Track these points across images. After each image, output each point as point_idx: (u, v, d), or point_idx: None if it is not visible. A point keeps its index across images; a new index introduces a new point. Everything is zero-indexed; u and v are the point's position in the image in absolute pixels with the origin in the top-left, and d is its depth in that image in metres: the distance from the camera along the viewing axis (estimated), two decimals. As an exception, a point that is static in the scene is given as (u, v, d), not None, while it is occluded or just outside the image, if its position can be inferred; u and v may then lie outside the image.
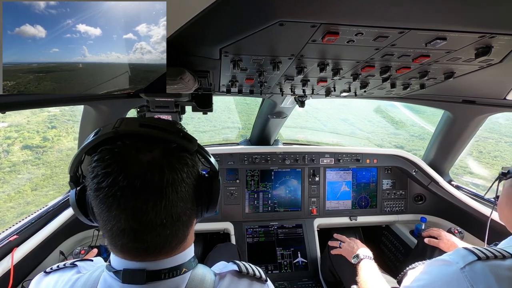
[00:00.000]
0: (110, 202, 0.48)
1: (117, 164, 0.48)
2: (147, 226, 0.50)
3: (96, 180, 0.49)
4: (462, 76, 1.01)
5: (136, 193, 0.48)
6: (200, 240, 2.20)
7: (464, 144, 1.84)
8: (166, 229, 0.52)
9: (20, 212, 4.83)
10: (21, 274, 1.27)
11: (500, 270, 0.61)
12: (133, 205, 0.48)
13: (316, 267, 1.94)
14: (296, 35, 0.66)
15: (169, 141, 0.53)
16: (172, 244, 0.56)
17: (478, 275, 0.61)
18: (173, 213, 0.52)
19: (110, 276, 0.56)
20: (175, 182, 0.51)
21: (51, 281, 0.63)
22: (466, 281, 0.61)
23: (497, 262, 0.63)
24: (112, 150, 0.49)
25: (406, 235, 2.09)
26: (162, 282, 0.55)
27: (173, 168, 0.51)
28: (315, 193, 2.16)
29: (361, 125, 9.56)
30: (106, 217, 0.50)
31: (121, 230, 0.50)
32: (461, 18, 0.58)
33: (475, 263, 0.63)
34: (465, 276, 0.62)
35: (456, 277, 0.63)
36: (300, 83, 1.13)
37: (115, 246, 0.54)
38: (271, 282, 0.70)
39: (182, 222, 0.55)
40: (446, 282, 0.65)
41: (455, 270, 0.64)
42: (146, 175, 0.48)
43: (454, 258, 0.67)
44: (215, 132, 6.78)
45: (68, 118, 6.45)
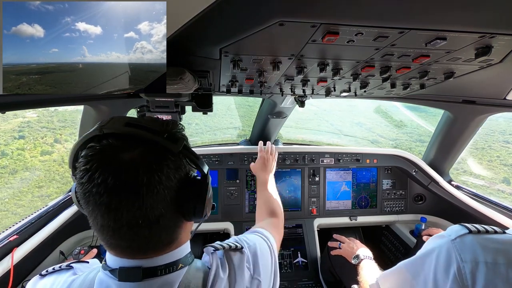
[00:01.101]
0: (87, 198, 0.50)
1: (95, 161, 0.49)
2: (122, 224, 0.50)
3: (78, 175, 0.50)
4: (462, 76, 1.01)
5: (110, 190, 0.48)
6: (200, 240, 2.20)
7: (464, 144, 1.84)
8: (143, 229, 0.51)
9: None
10: (21, 274, 1.27)
11: (488, 242, 0.64)
12: (106, 203, 0.48)
13: (316, 267, 1.94)
14: (296, 35, 0.66)
15: (152, 142, 0.52)
16: (158, 245, 0.55)
17: (467, 246, 0.64)
18: (149, 214, 0.50)
19: (106, 275, 0.56)
20: (151, 184, 0.50)
21: (47, 283, 0.63)
22: (455, 251, 0.65)
23: (488, 236, 0.66)
24: (94, 147, 0.50)
25: (406, 235, 2.09)
26: (159, 278, 0.55)
27: (150, 169, 0.50)
28: (315, 193, 2.16)
29: (379, 131, 8.25)
30: (88, 212, 0.52)
31: (100, 226, 0.51)
32: (461, 18, 0.58)
33: (466, 235, 0.66)
34: (455, 246, 0.65)
35: (446, 247, 0.67)
36: (300, 83, 1.13)
37: (104, 242, 0.55)
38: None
39: (161, 225, 0.53)
40: (438, 253, 0.69)
41: (446, 241, 0.68)
42: (121, 174, 0.48)
43: (448, 232, 0.71)
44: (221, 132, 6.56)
45: (43, 125, 5.56)
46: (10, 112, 0.92)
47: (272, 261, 0.77)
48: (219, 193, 2.06)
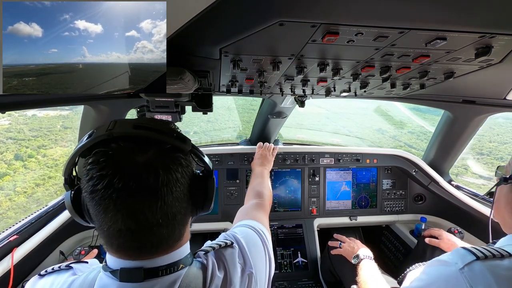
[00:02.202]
0: (106, 204, 0.49)
1: (111, 166, 0.48)
2: (144, 226, 0.51)
3: (91, 182, 0.49)
4: (462, 76, 1.01)
5: (132, 194, 0.48)
6: (200, 240, 2.20)
7: (464, 144, 1.84)
8: (162, 228, 0.53)
9: None
10: (21, 274, 1.27)
11: (499, 270, 0.61)
12: (129, 206, 0.49)
13: (316, 267, 1.94)
14: (296, 35, 0.66)
15: (163, 142, 0.53)
16: (168, 242, 0.57)
17: (477, 275, 0.61)
18: (168, 212, 0.53)
19: (107, 276, 0.56)
20: (170, 183, 0.52)
21: (46, 283, 0.63)
22: (466, 282, 0.61)
23: (496, 262, 0.63)
24: (106, 152, 0.50)
25: (406, 235, 2.09)
26: (160, 278, 0.55)
27: (167, 169, 0.52)
28: (315, 193, 2.16)
29: (406, 139, 6.94)
30: (102, 218, 0.50)
31: (117, 231, 0.51)
32: (461, 18, 0.58)
33: (474, 263, 0.63)
34: (464, 277, 0.61)
35: (455, 278, 0.63)
36: (300, 83, 1.13)
37: (111, 246, 0.55)
38: (271, 283, 0.71)
39: (177, 221, 0.56)
40: (445, 282, 0.64)
41: (454, 271, 0.64)
42: (141, 176, 0.49)
43: (453, 258, 0.67)
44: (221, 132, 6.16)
45: (11, 136, 4.13)
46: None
47: (264, 249, 0.78)
48: (219, 193, 2.06)
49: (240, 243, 0.72)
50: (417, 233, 2.01)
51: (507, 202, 0.77)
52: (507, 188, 0.77)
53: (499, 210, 0.81)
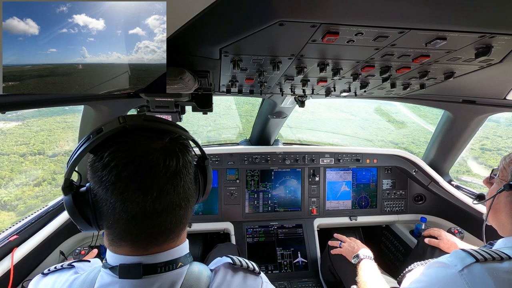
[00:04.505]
0: (135, 187, 0.51)
1: (135, 153, 0.52)
2: (167, 207, 0.54)
3: (114, 171, 0.50)
4: (462, 76, 1.01)
5: (159, 176, 0.52)
6: (200, 240, 2.20)
7: (464, 144, 1.84)
8: (181, 209, 0.57)
9: None
10: (21, 274, 1.28)
11: (498, 272, 0.61)
12: (158, 187, 0.52)
13: (316, 267, 1.94)
14: (296, 35, 0.66)
15: (172, 132, 0.58)
16: (175, 231, 0.58)
17: (477, 278, 0.61)
18: (187, 194, 0.58)
19: (107, 273, 0.56)
20: (187, 165, 0.58)
21: (49, 282, 0.64)
22: (465, 284, 0.61)
23: (495, 264, 0.63)
24: (126, 141, 0.53)
25: (406, 235, 2.09)
26: (159, 276, 0.55)
27: (183, 153, 0.57)
28: (315, 193, 2.16)
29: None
30: (122, 207, 0.51)
31: (131, 217, 0.52)
32: (461, 18, 0.58)
33: (473, 265, 0.63)
34: (464, 279, 0.62)
35: (454, 280, 0.63)
36: (300, 83, 1.13)
37: (121, 238, 0.55)
38: (271, 283, 0.70)
39: (191, 204, 0.61)
40: (444, 284, 0.65)
41: (453, 273, 0.64)
42: (164, 160, 0.53)
43: (453, 260, 0.67)
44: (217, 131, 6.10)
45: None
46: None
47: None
48: (219, 193, 2.06)
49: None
50: (417, 233, 2.01)
51: (507, 206, 0.77)
52: (507, 193, 0.77)
53: (497, 214, 0.81)
